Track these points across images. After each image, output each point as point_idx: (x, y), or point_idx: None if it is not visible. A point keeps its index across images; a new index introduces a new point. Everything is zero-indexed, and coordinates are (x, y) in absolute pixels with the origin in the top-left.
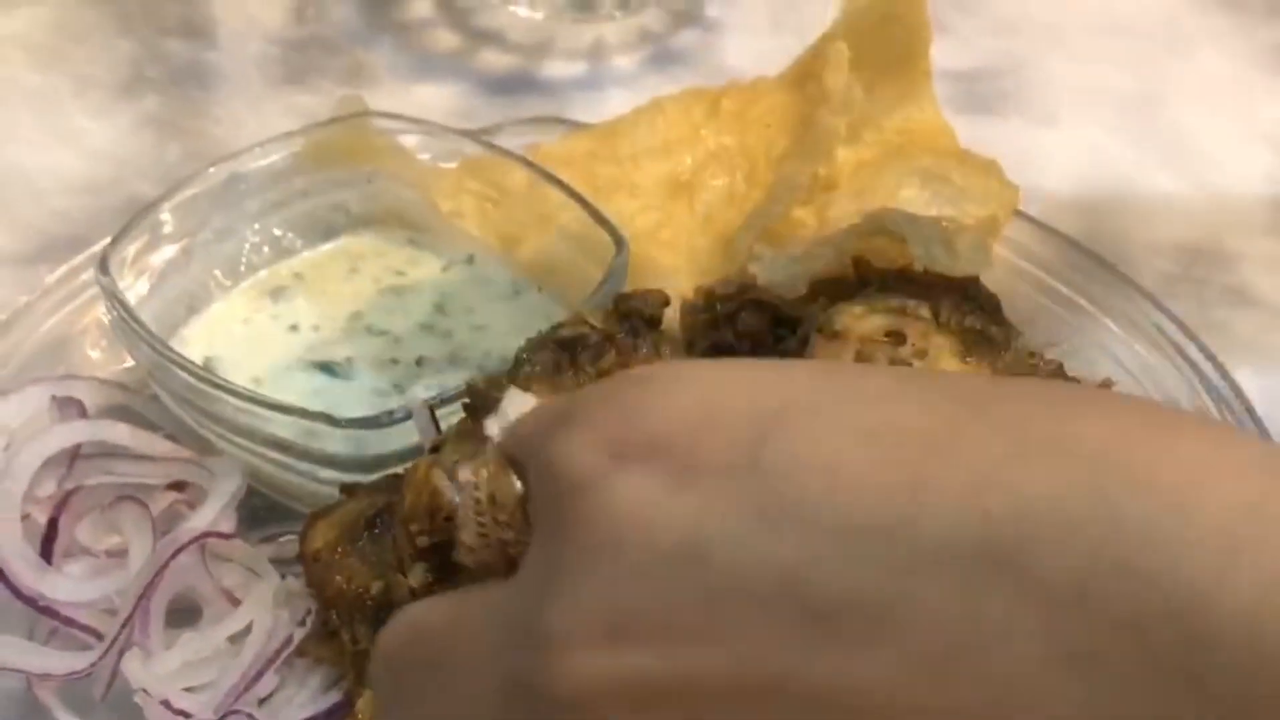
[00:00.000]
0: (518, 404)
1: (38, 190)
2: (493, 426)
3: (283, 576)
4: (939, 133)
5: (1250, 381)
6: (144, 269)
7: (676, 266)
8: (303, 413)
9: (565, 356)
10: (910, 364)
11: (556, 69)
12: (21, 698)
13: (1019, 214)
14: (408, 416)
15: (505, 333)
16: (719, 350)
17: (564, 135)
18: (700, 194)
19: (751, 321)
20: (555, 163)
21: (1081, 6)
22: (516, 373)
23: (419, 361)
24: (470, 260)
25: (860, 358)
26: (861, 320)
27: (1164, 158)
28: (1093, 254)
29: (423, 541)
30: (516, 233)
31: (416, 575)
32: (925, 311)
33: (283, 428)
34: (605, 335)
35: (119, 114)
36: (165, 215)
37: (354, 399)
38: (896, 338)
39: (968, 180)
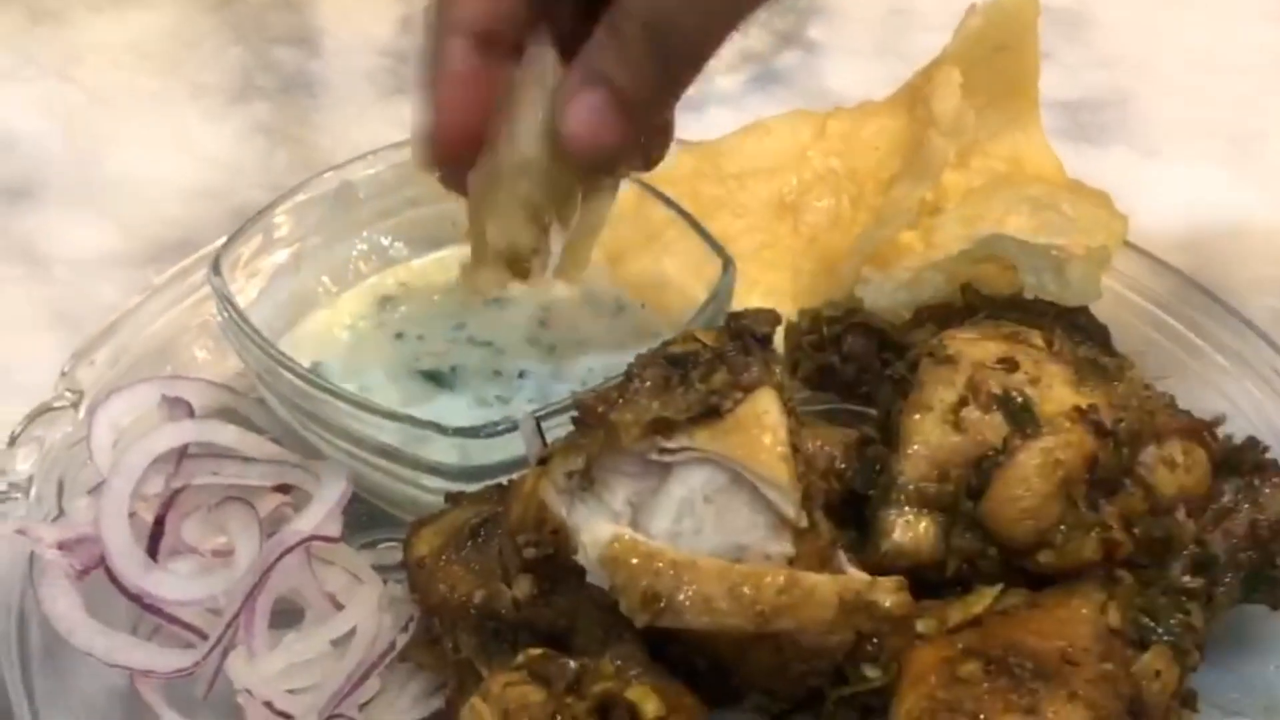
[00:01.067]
0: (596, 535)
1: (149, 195)
2: (584, 559)
3: (385, 582)
4: (1046, 161)
5: None
6: (254, 272)
7: (780, 288)
8: (411, 420)
9: (676, 373)
10: (1023, 392)
11: None
12: (124, 693)
13: (1127, 245)
14: (514, 427)
15: (607, 348)
16: (824, 373)
17: (670, 154)
18: (805, 215)
19: (858, 345)
20: (660, 180)
21: (1188, 41)
22: (626, 387)
23: (522, 374)
24: None
25: (972, 385)
26: (973, 346)
27: (1268, 193)
28: (1202, 288)
29: (530, 554)
30: (622, 250)
31: (522, 587)
32: (1038, 339)
33: (389, 434)
34: (716, 353)
35: (229, 120)
36: (277, 220)
37: (458, 409)
38: (1009, 364)
39: (1077, 210)
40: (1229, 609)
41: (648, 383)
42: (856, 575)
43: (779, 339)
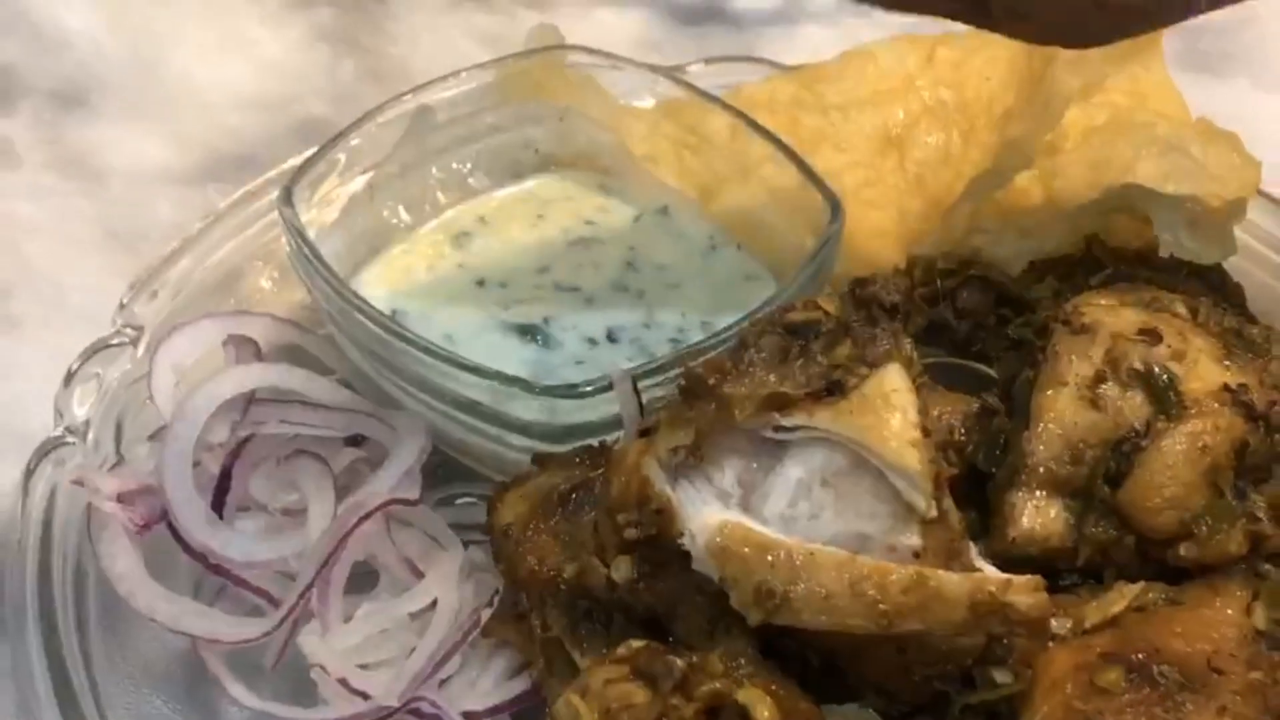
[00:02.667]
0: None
1: (206, 103)
2: (690, 545)
3: (466, 547)
4: (1168, 96)
5: None
6: (327, 201)
7: (884, 229)
8: (500, 376)
9: (795, 343)
10: (1167, 367)
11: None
12: (185, 658)
13: (1258, 192)
14: (608, 387)
15: (700, 292)
16: (936, 328)
17: (765, 78)
18: (912, 151)
19: (974, 300)
20: (756, 108)
21: None
22: (739, 357)
23: (613, 327)
24: (664, 211)
25: (1111, 359)
26: (1112, 314)
27: None
28: None
29: (631, 534)
30: (715, 184)
31: (622, 570)
32: (1181, 307)
33: (473, 389)
34: (840, 323)
35: (291, 25)
36: (352, 145)
37: (550, 364)
38: (1151, 336)
39: (1207, 154)
40: None
41: (763, 353)
42: (990, 574)
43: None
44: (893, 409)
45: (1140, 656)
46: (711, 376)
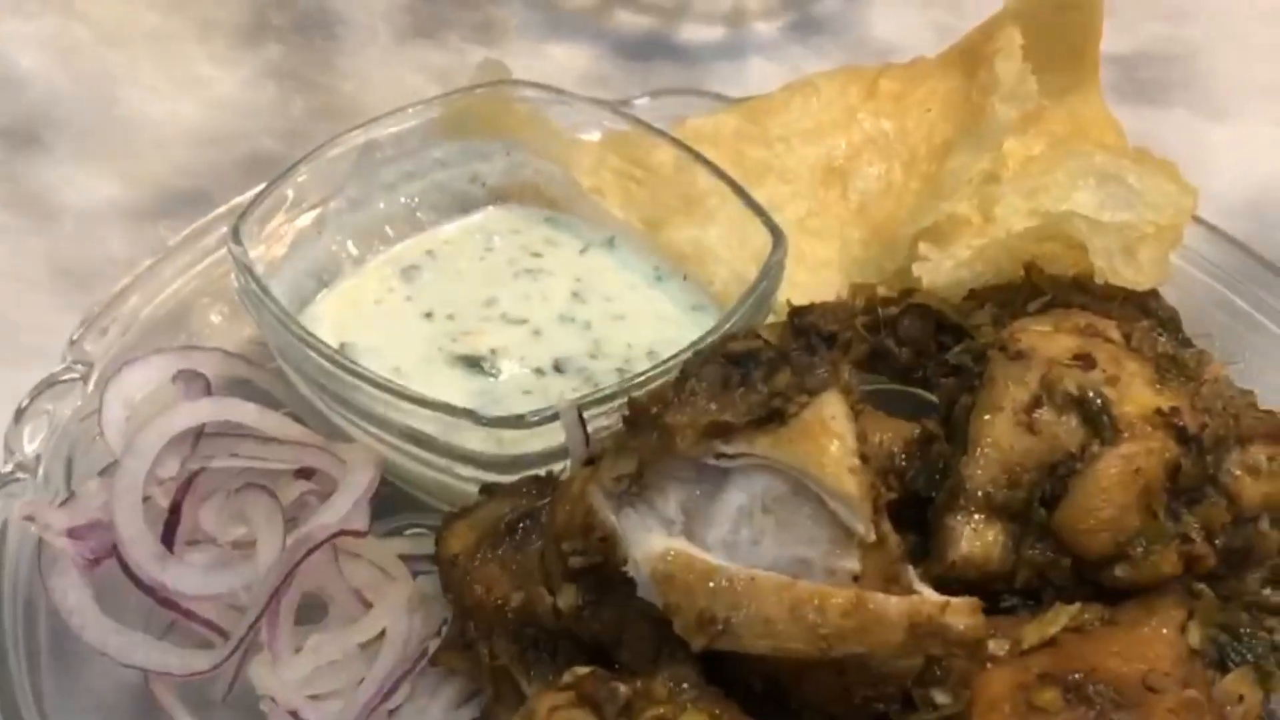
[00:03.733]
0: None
1: (158, 141)
2: (634, 572)
3: (415, 577)
4: (1105, 127)
5: None
6: (276, 237)
7: (828, 259)
8: (447, 408)
9: (736, 373)
10: (1101, 392)
11: (694, 33)
12: (137, 691)
13: (1194, 219)
14: (554, 417)
15: (646, 323)
16: (878, 356)
17: (710, 111)
18: (855, 181)
19: (914, 328)
20: (701, 140)
21: None
22: (681, 387)
23: (560, 358)
24: (610, 243)
25: (1046, 384)
26: (1047, 340)
27: None
28: (1268, 263)
29: (576, 562)
30: (661, 216)
31: (567, 597)
32: (1115, 332)
33: (421, 420)
34: (779, 352)
35: (242, 63)
36: (299, 181)
37: (497, 394)
38: (1085, 361)
39: (1144, 182)
40: None
41: (705, 382)
42: (928, 596)
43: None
44: (831, 436)
45: (1077, 676)
46: (654, 406)
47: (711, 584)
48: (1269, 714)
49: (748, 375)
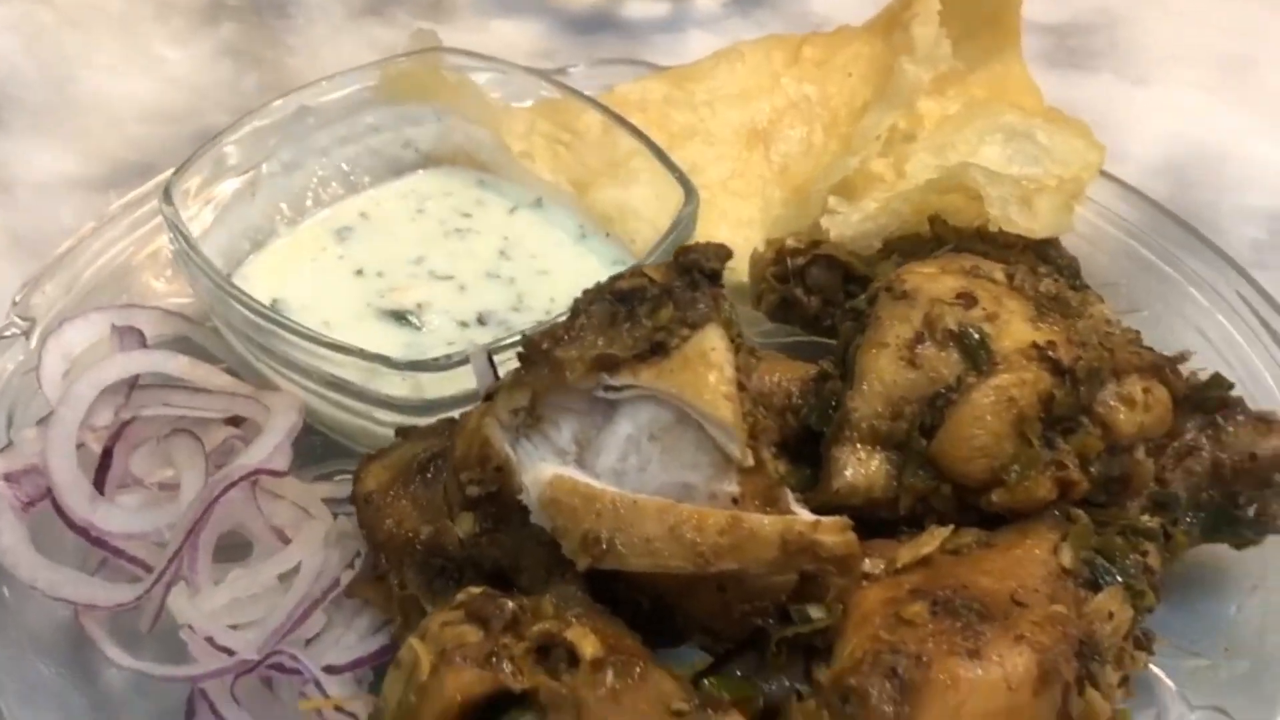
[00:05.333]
0: (538, 475)
1: (114, 117)
2: (527, 499)
3: (336, 517)
4: (1025, 91)
5: None
6: (209, 199)
7: (750, 217)
8: (361, 353)
9: (622, 309)
10: (981, 329)
11: (638, 9)
12: (69, 627)
13: (1105, 175)
14: (465, 361)
15: (569, 278)
16: (787, 305)
17: (639, 78)
18: (777, 144)
19: (821, 278)
20: (629, 107)
21: None
22: (572, 323)
23: (484, 311)
24: (538, 204)
25: (928, 321)
26: (932, 281)
27: (1261, 122)
28: (1180, 220)
29: (473, 491)
30: (587, 178)
31: (464, 525)
32: (999, 274)
33: (342, 368)
34: (663, 289)
35: (198, 42)
36: (231, 146)
37: (422, 346)
38: (967, 300)
39: (1053, 139)
40: (1190, 549)
41: (594, 319)
42: (800, 515)
43: (744, 263)
44: (710, 366)
45: (946, 592)
46: (545, 342)
47: (596, 507)
48: (1141, 633)
49: (633, 311)
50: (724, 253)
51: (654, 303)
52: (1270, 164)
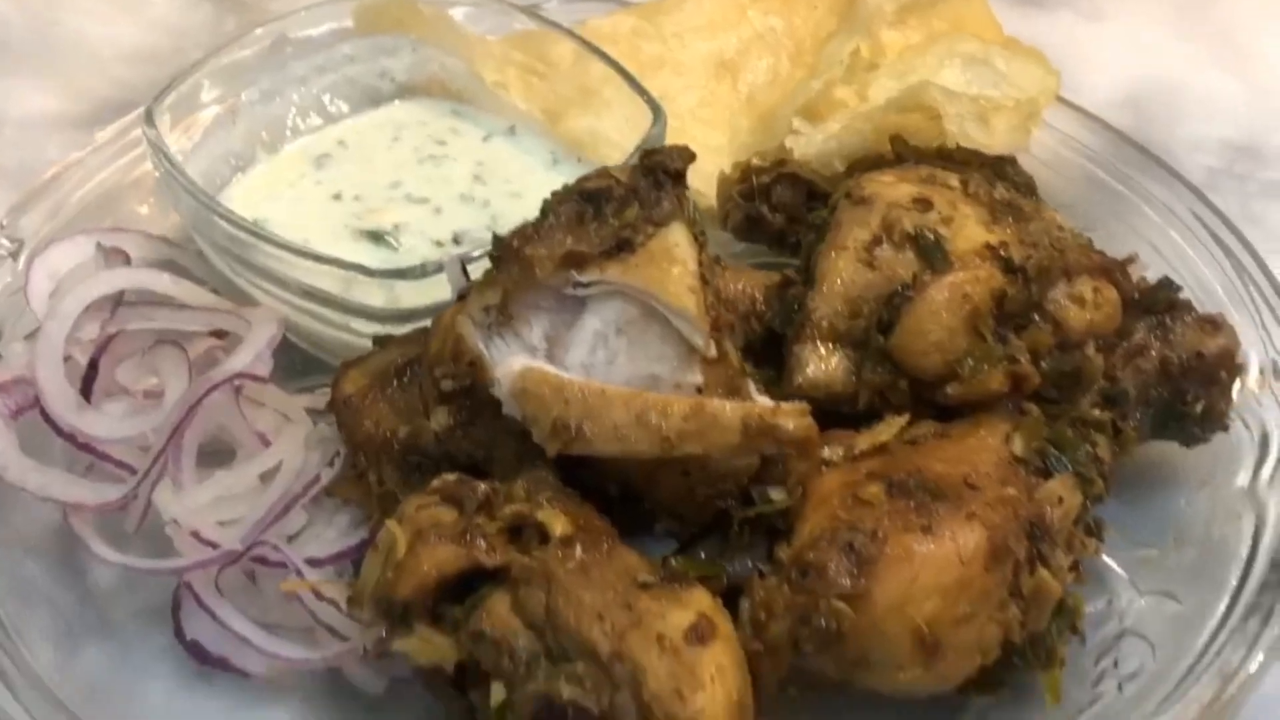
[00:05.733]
0: (509, 367)
1: (98, 58)
2: (499, 391)
3: (315, 424)
4: (985, 25)
5: None
6: (190, 125)
7: (718, 145)
8: (338, 262)
9: (589, 208)
10: (937, 231)
11: None
12: (57, 529)
13: (1065, 102)
14: (440, 269)
15: (541, 199)
16: (753, 223)
17: (610, 13)
18: (744, 74)
19: (786, 195)
20: (601, 39)
21: None
22: (541, 223)
23: (459, 231)
24: (511, 131)
25: (886, 224)
26: (890, 187)
27: (1213, 56)
28: (1136, 144)
29: (447, 386)
30: (560, 106)
31: (440, 419)
32: (954, 181)
33: (320, 279)
34: (629, 189)
35: None
36: (212, 74)
37: (398, 263)
38: (923, 204)
39: (1010, 65)
40: (1139, 445)
41: (562, 218)
42: (761, 401)
43: (712, 188)
44: (674, 261)
45: (901, 475)
46: (515, 241)
47: (565, 396)
48: (1091, 520)
49: (600, 210)
50: (687, 154)
51: (620, 202)
52: (1223, 95)
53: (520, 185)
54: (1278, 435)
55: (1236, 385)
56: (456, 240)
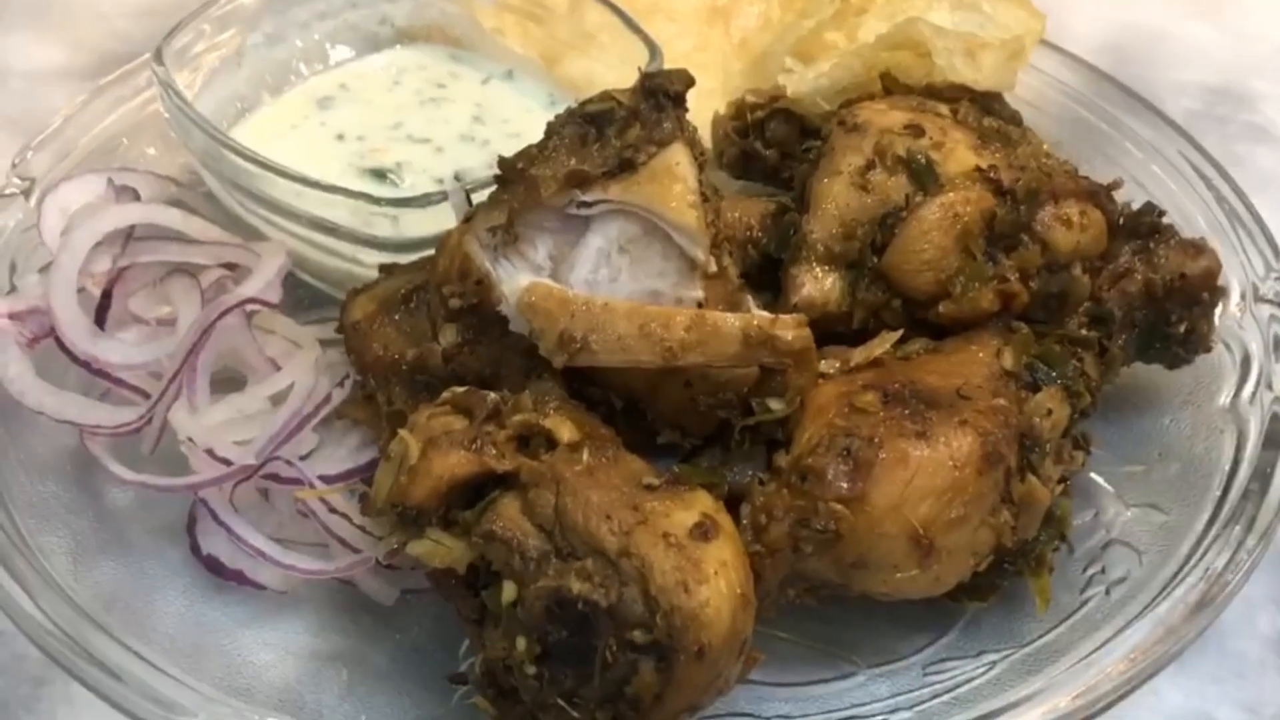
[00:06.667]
0: (516, 283)
1: (100, 12)
2: (506, 308)
3: (324, 350)
4: None
5: (1268, 214)
6: (197, 67)
7: (711, 88)
8: (345, 191)
9: (592, 130)
10: (928, 155)
11: None
12: (73, 453)
13: (1051, 46)
14: (445, 198)
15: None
16: (748, 158)
17: None
18: (736, 19)
19: (780, 131)
20: None
21: None
22: (545, 145)
23: (460, 170)
24: (509, 75)
25: (879, 149)
26: (881, 115)
27: (1194, 3)
28: (1121, 85)
29: (455, 304)
30: (557, 51)
31: (448, 335)
32: (944, 109)
33: (328, 210)
34: (631, 110)
35: None
36: (217, 19)
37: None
38: (915, 130)
39: (996, 8)
40: (1125, 364)
41: (566, 140)
42: (760, 313)
43: (706, 132)
44: (675, 179)
45: (896, 385)
46: (520, 162)
47: (571, 309)
48: (1079, 433)
49: (603, 131)
50: (686, 77)
51: (622, 123)
52: (1203, 41)
53: (519, 126)
54: (1258, 356)
55: (1218, 309)
56: (458, 178)
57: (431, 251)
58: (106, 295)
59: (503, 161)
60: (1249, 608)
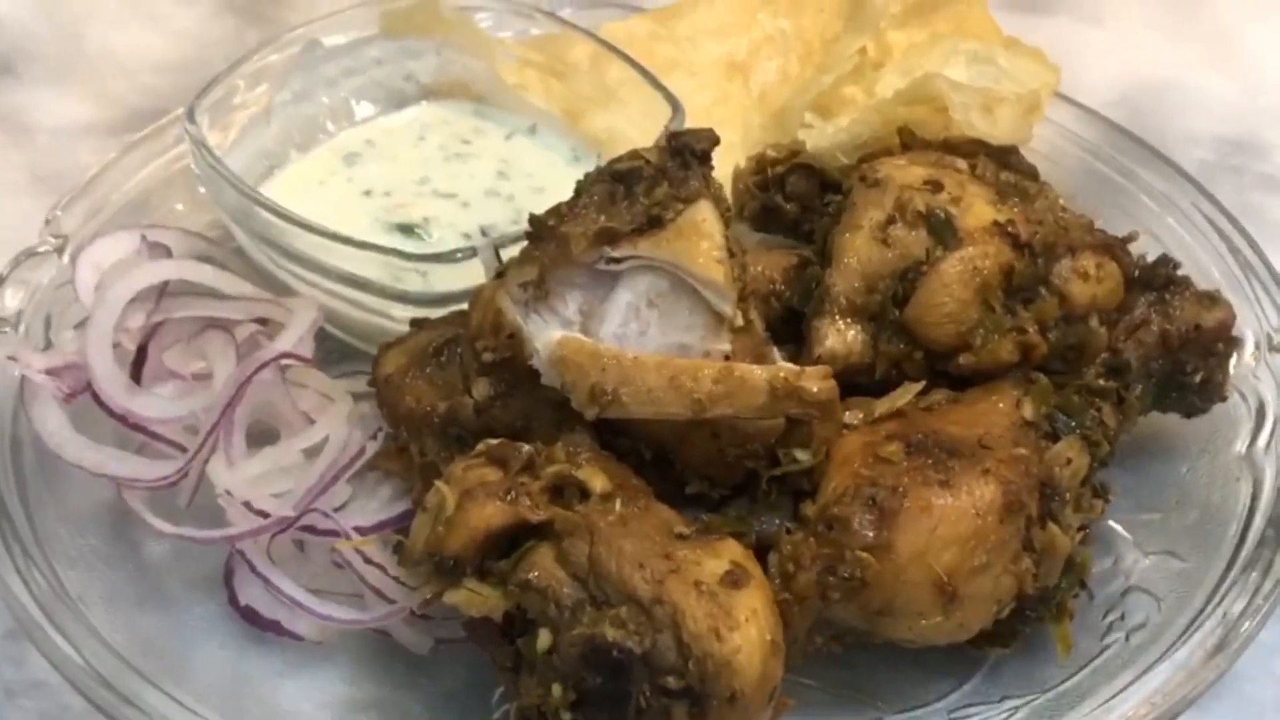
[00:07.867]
0: (548, 337)
1: (123, 68)
2: (538, 361)
3: (356, 403)
4: (986, 28)
5: None
6: (228, 125)
7: (731, 142)
8: (376, 248)
9: (620, 188)
10: (947, 210)
11: None
12: (112, 504)
13: (1065, 99)
14: (474, 254)
15: (564, 194)
16: (768, 212)
17: (624, 18)
18: (755, 74)
19: (800, 185)
20: (617, 42)
21: None
22: (575, 202)
23: (486, 224)
24: (532, 130)
25: (899, 205)
26: (902, 170)
27: (1206, 55)
28: (1135, 137)
29: (488, 357)
30: (579, 106)
31: (481, 389)
32: (962, 164)
33: (358, 265)
34: (658, 168)
35: (201, 1)
36: (247, 75)
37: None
38: (934, 186)
39: (1012, 63)
40: (1142, 415)
41: (595, 198)
42: (786, 365)
43: (727, 185)
44: (702, 235)
45: (919, 435)
46: (551, 219)
47: (602, 363)
48: (1098, 483)
49: (631, 189)
50: (712, 135)
51: (650, 181)
52: (1216, 93)
53: (543, 180)
54: (1273, 405)
55: (1233, 359)
56: (484, 232)
57: (461, 306)
58: (142, 350)
59: (533, 219)
60: (1265, 653)
